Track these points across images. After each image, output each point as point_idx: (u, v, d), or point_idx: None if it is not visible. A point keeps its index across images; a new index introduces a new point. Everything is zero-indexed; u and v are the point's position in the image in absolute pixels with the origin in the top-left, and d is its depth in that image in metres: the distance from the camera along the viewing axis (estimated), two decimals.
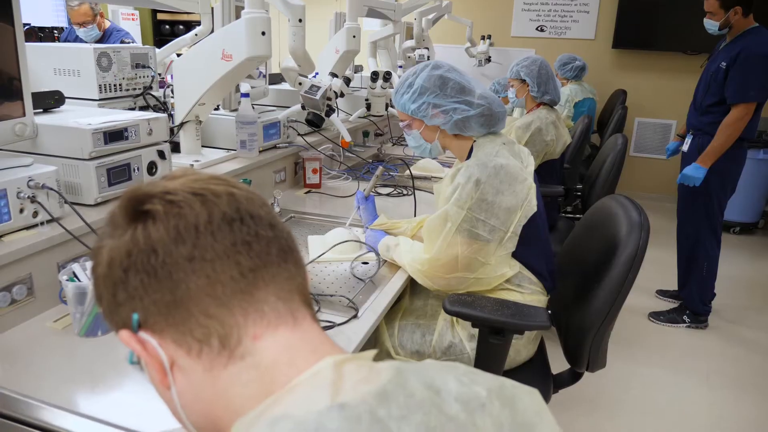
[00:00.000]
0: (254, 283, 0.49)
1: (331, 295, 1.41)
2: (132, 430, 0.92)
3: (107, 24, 3.29)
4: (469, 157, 1.52)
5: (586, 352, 1.49)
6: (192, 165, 1.93)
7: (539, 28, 5.50)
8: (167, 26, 6.63)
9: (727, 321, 3.17)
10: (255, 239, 0.49)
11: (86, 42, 3.21)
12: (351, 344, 1.21)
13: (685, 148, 2.96)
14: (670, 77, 5.19)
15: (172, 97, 2.02)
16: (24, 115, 1.37)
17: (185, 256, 0.47)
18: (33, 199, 1.28)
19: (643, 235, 1.46)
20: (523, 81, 2.72)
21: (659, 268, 3.48)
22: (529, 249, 1.48)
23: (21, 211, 1.27)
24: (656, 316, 3.13)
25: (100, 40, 3.37)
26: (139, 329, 0.49)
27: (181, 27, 6.56)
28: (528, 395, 0.55)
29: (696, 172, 2.76)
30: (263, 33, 1.57)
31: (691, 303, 3.07)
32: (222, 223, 0.48)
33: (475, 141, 1.53)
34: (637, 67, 5.30)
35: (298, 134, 2.39)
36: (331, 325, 1.27)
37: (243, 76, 2.01)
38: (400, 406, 0.45)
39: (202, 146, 2.09)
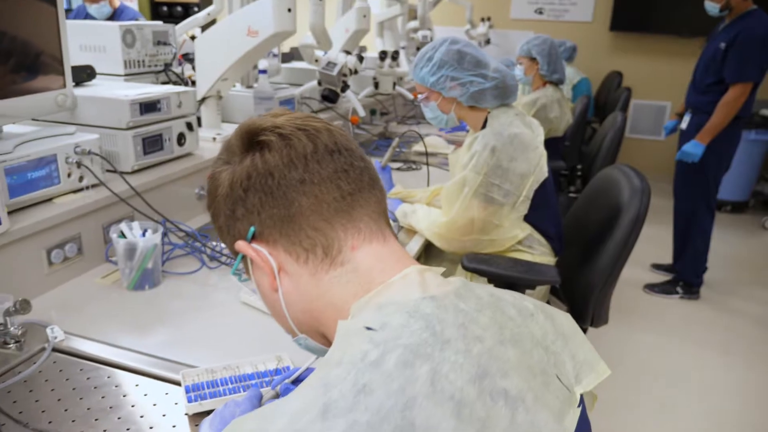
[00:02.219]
0: (352, 204, 0.58)
1: None
2: (177, 361, 1.03)
3: (117, 2, 3.34)
4: (483, 127, 1.61)
5: (590, 308, 1.60)
6: (214, 139, 2.01)
7: (538, 11, 5.57)
8: (165, 7, 6.62)
9: (718, 293, 3.31)
10: (351, 168, 0.59)
11: (97, 19, 3.26)
12: None
13: (683, 126, 3.08)
14: (665, 60, 5.30)
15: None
16: (65, 86, 1.45)
17: (297, 179, 0.57)
18: (79, 164, 1.37)
19: (644, 200, 1.56)
20: (533, 59, 2.81)
21: (654, 244, 3.61)
22: (540, 213, 1.59)
23: (69, 175, 1.36)
24: (651, 287, 3.27)
25: (110, 18, 3.41)
26: (251, 241, 0.59)
27: (178, 9, 6.54)
28: (563, 315, 0.66)
29: (695, 148, 2.88)
30: (289, 9, 1.65)
31: (685, 275, 3.20)
32: (325, 153, 0.58)
33: (489, 112, 1.62)
34: (633, 50, 5.40)
35: (311, 111, 2.47)
36: None
37: (266, 52, 2.09)
38: (474, 303, 0.55)
39: (222, 121, 2.17)
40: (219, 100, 2.10)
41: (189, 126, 1.75)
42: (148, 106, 1.58)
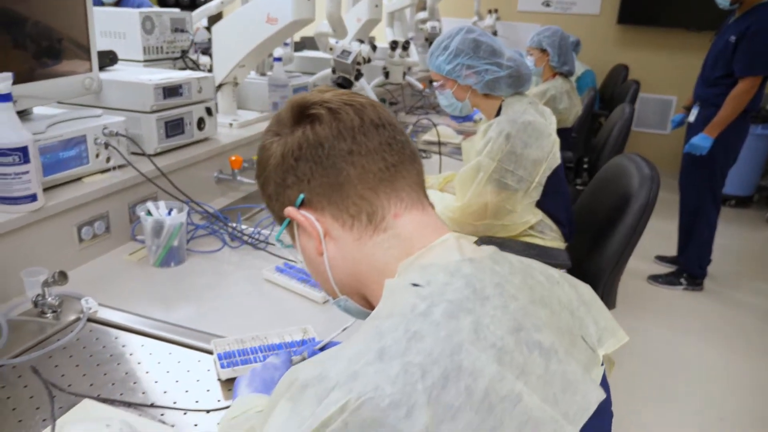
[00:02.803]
0: (395, 175, 0.63)
1: None
2: (206, 332, 1.07)
3: None
4: (497, 115, 1.65)
5: (599, 292, 1.64)
6: (230, 124, 2.05)
7: (545, 3, 5.59)
8: None
9: (721, 285, 3.35)
10: (394, 141, 0.64)
11: (105, 5, 3.29)
12: None
13: (691, 118, 3.11)
14: (672, 54, 5.31)
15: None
16: (91, 70, 1.50)
17: (346, 150, 0.61)
18: (107, 145, 1.41)
19: (653, 188, 1.60)
20: (544, 50, 2.84)
21: (658, 237, 3.64)
22: (551, 199, 1.63)
23: (97, 156, 1.40)
24: (655, 278, 3.31)
25: (117, 4, 3.45)
26: (300, 207, 0.64)
27: None
28: (584, 286, 0.70)
29: (703, 141, 2.91)
30: None
31: (689, 266, 3.25)
32: (370, 126, 0.62)
33: (503, 100, 1.66)
34: (640, 43, 5.41)
35: None
36: None
37: (285, 40, 2.13)
38: (507, 267, 0.60)
39: (237, 108, 2.22)
40: (235, 87, 2.14)
41: (208, 111, 1.79)
42: (171, 91, 1.62)
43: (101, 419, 0.82)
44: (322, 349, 0.89)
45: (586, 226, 1.84)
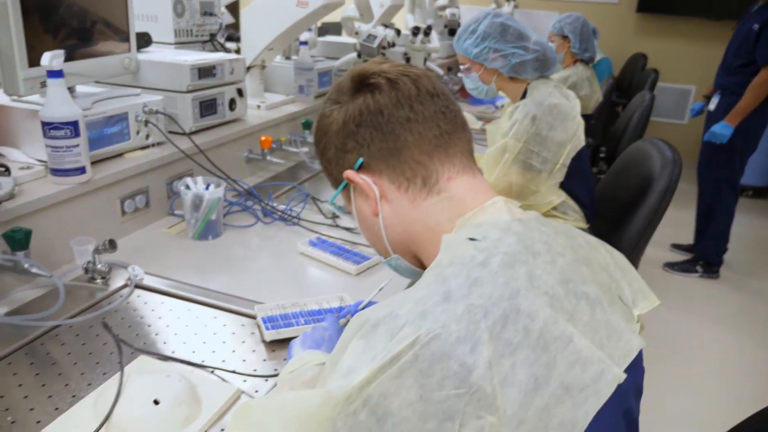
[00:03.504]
0: (448, 142, 0.67)
1: None
2: (247, 299, 1.13)
3: None
4: (523, 98, 1.69)
5: None
6: (258, 106, 2.10)
7: None
8: None
9: (738, 273, 3.37)
10: (447, 110, 0.68)
11: None
12: None
13: (711, 107, 3.11)
14: (692, 43, 5.28)
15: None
16: (129, 51, 1.55)
17: (404, 117, 0.66)
18: (147, 123, 1.47)
19: (675, 170, 1.63)
20: (565, 37, 2.86)
21: (674, 226, 3.65)
22: (575, 180, 1.67)
23: (137, 132, 1.46)
24: (671, 266, 3.33)
25: None
26: (358, 171, 0.68)
27: None
28: (619, 253, 0.75)
29: (724, 129, 2.92)
30: None
31: (706, 254, 3.26)
32: (426, 95, 0.67)
33: (529, 84, 1.69)
34: (659, 32, 5.38)
35: None
36: None
37: (314, 23, 2.17)
38: (552, 229, 0.65)
39: (264, 91, 2.26)
40: (262, 70, 2.19)
41: (239, 92, 1.84)
42: (205, 71, 1.67)
43: (162, 371, 0.88)
44: (364, 308, 0.94)
45: (606, 209, 1.88)
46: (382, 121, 0.66)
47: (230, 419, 0.58)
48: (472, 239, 0.59)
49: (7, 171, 1.14)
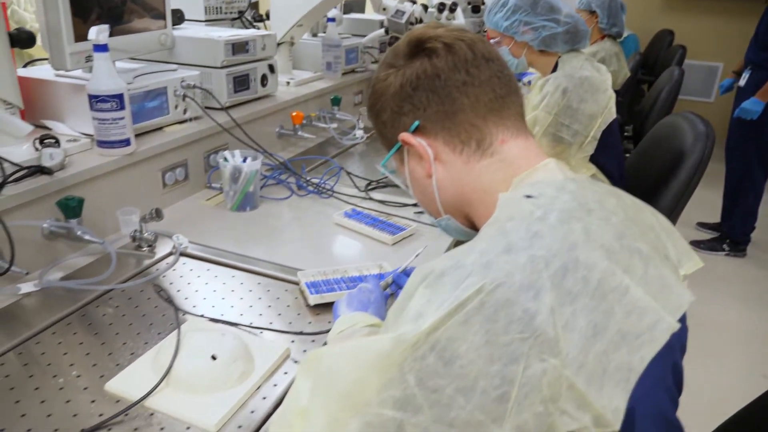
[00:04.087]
0: (502, 105, 0.69)
1: None
2: (288, 266, 1.16)
3: None
4: (554, 72, 1.69)
5: None
6: (288, 83, 2.12)
7: None
8: None
9: (765, 251, 3.34)
10: (501, 74, 0.69)
11: None
12: None
13: (742, 83, 3.07)
14: (720, 19, 5.17)
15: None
16: (166, 27, 1.58)
17: (461, 81, 0.67)
18: (184, 97, 1.50)
19: (708, 144, 1.62)
20: (593, 12, 2.83)
21: (700, 205, 3.61)
22: (605, 154, 1.67)
23: (176, 107, 1.49)
24: (697, 244, 3.31)
25: None
26: (413, 134, 0.70)
27: None
28: (663, 216, 0.76)
29: (754, 105, 2.88)
30: None
31: (733, 232, 3.24)
32: (482, 59, 0.68)
33: (560, 57, 1.69)
34: (687, 8, 5.27)
35: (373, 60, 2.56)
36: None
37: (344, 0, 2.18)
38: (603, 189, 0.67)
39: (292, 68, 2.28)
40: (291, 47, 2.20)
41: (271, 68, 1.86)
42: (239, 47, 1.70)
43: (216, 329, 0.91)
44: (404, 272, 0.97)
45: (635, 185, 1.87)
46: (439, 84, 0.68)
47: (299, 367, 0.61)
48: (528, 196, 0.61)
49: (57, 143, 1.18)
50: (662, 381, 0.57)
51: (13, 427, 0.76)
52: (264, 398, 0.83)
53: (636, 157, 2.02)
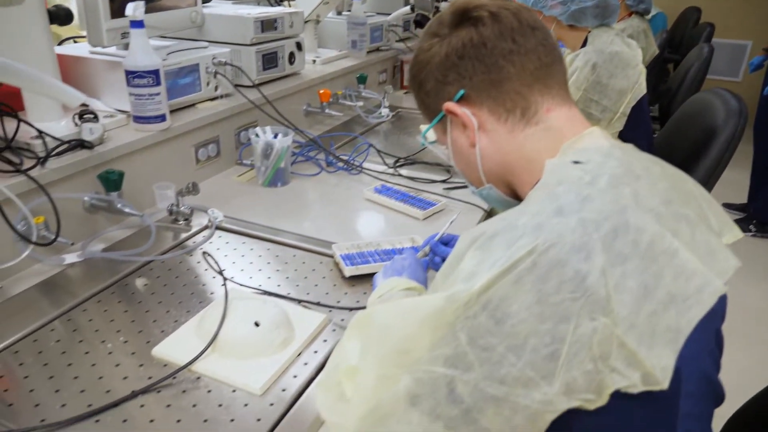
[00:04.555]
0: (547, 74, 0.69)
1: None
2: (322, 239, 1.18)
3: None
4: (583, 47, 1.67)
5: None
6: (314, 61, 2.13)
7: None
8: None
9: None
10: (546, 43, 0.70)
11: None
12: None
13: None
14: None
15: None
16: (196, 5, 1.59)
17: (506, 49, 0.68)
18: (216, 74, 1.51)
19: (741, 120, 1.60)
20: None
21: (726, 185, 3.56)
22: (634, 130, 1.66)
23: (207, 84, 1.51)
24: None
25: None
26: (457, 103, 0.71)
27: None
28: (703, 188, 0.76)
29: None
30: None
31: (760, 213, 3.20)
32: (527, 28, 0.69)
33: (589, 32, 1.67)
34: None
35: (398, 38, 2.55)
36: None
37: None
38: (647, 157, 0.67)
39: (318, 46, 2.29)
40: (317, 25, 2.20)
41: (298, 46, 1.86)
42: (267, 24, 1.70)
43: (257, 298, 0.94)
44: (441, 240, 0.98)
45: (666, 161, 1.86)
46: (485, 53, 0.68)
47: (349, 327, 0.62)
48: (576, 162, 0.62)
49: (96, 117, 1.21)
50: (707, 344, 0.58)
51: (67, 388, 0.80)
52: (305, 364, 0.86)
53: (665, 134, 2.00)
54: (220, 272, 1.06)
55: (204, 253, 1.13)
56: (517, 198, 0.75)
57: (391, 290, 0.82)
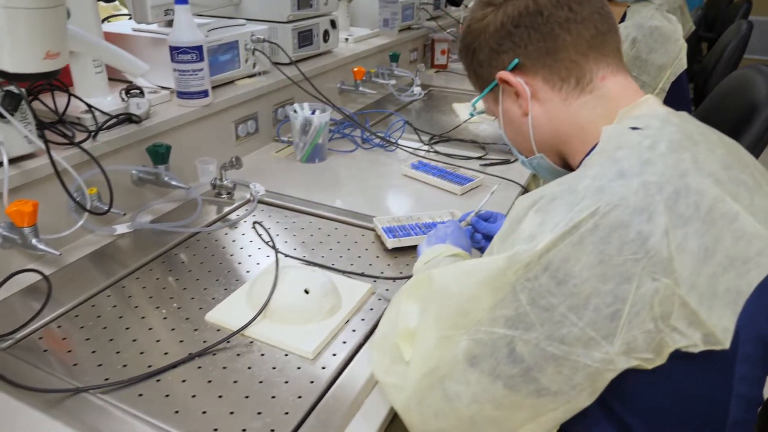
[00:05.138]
0: (603, 42, 0.69)
1: (488, 144, 1.63)
2: (362, 213, 1.19)
3: None
4: (622, 22, 1.64)
5: None
6: (347, 39, 2.13)
7: None
8: None
9: None
10: (602, 11, 0.69)
11: None
12: (523, 177, 1.43)
13: None
14: None
15: None
16: None
17: (563, 17, 0.68)
18: (254, 51, 1.53)
19: None
20: None
21: (764, 164, 3.50)
22: (674, 106, 1.62)
23: (246, 61, 1.53)
24: None
25: None
26: (511, 72, 0.71)
27: None
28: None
29: None
30: None
31: None
32: None
33: (628, 7, 1.65)
34: None
35: (429, 17, 2.53)
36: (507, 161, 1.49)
37: None
38: (703, 124, 0.67)
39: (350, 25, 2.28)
40: (349, 3, 2.20)
41: (333, 23, 1.87)
42: (303, 2, 1.71)
43: (305, 267, 0.96)
44: (480, 216, 0.99)
45: None
46: (541, 21, 0.68)
47: (406, 290, 0.64)
48: (634, 128, 0.62)
49: (142, 93, 1.23)
50: (765, 307, 0.58)
51: (127, 350, 0.83)
52: (353, 331, 0.88)
53: (702, 112, 1.96)
54: (271, 241, 1.09)
55: (255, 222, 1.16)
56: (566, 167, 0.75)
57: (437, 257, 0.83)
